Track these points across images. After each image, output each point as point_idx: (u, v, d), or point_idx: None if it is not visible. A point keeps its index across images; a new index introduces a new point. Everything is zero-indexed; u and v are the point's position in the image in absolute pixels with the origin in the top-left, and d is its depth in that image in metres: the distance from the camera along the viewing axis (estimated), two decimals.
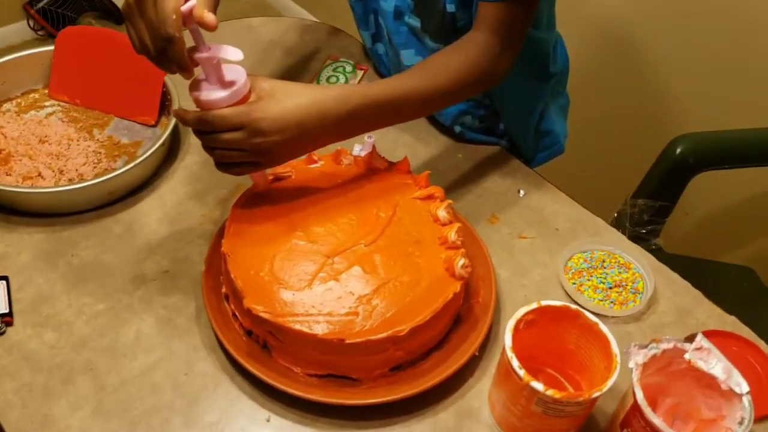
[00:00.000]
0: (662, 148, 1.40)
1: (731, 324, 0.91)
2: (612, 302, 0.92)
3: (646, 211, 1.47)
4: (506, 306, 0.91)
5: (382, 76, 1.21)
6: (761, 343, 0.89)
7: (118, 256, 0.92)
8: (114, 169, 0.99)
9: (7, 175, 0.97)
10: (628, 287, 0.94)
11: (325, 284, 0.79)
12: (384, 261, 0.81)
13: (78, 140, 1.04)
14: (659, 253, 1.46)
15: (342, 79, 1.17)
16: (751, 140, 1.40)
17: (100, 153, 1.03)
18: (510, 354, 0.73)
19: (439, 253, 0.83)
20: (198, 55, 0.72)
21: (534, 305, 0.77)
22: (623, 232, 1.48)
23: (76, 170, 0.99)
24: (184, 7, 0.68)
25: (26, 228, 0.94)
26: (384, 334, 0.75)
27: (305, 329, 0.75)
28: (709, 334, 0.89)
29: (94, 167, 1.00)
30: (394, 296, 0.78)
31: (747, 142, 1.40)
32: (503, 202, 1.04)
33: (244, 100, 0.75)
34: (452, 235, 0.83)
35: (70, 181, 0.98)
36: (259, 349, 0.81)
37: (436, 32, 1.01)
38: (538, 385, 0.70)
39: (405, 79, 0.85)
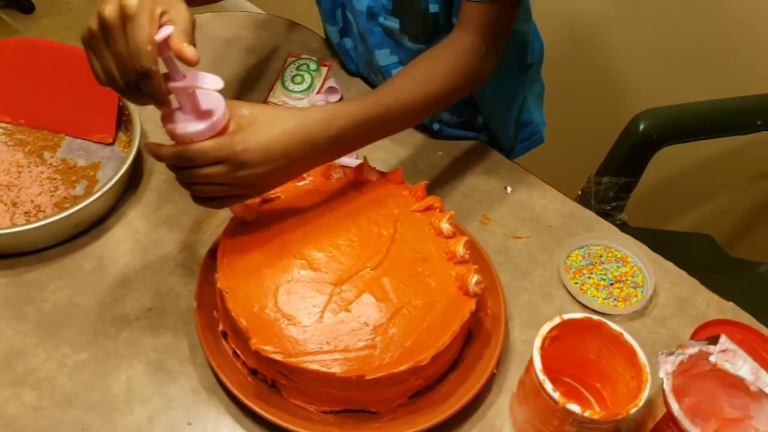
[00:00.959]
0: (623, 126, 1.39)
1: (731, 310, 0.91)
2: (615, 299, 0.90)
3: (611, 188, 1.47)
4: (512, 313, 0.88)
5: (349, 71, 1.15)
6: (762, 328, 0.89)
7: (94, 296, 0.84)
8: (74, 197, 0.91)
9: None
10: (629, 282, 0.92)
11: (337, 316, 0.73)
12: (394, 285, 0.76)
13: (29, 166, 0.94)
14: (624, 228, 1.47)
15: (307, 77, 1.10)
16: (711, 112, 1.41)
17: (55, 179, 0.93)
18: (542, 377, 0.70)
19: (449, 269, 0.79)
20: (172, 85, 0.64)
21: (557, 320, 0.74)
22: (589, 210, 1.48)
23: (32, 201, 0.90)
24: (159, 36, 0.60)
25: None
26: (405, 366, 0.71)
27: (322, 369, 0.70)
28: (712, 324, 0.89)
29: (51, 196, 0.91)
30: (410, 323, 0.74)
31: (707, 114, 1.41)
32: (492, 200, 1.00)
33: (223, 131, 0.68)
34: (460, 249, 0.79)
35: (27, 214, 0.88)
36: (266, 388, 0.75)
37: (416, 33, 0.97)
38: (575, 407, 0.68)
39: (391, 92, 0.80)
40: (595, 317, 0.75)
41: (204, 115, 0.66)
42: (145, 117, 0.98)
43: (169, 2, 0.63)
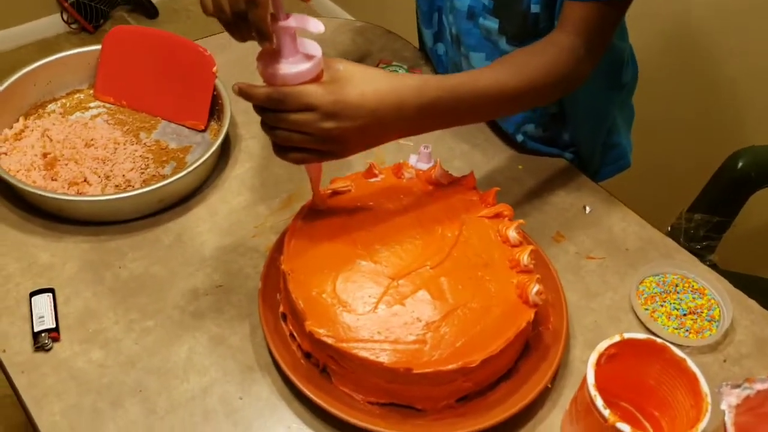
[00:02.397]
0: (722, 162, 1.34)
1: None
2: (687, 330, 0.86)
3: (702, 226, 1.41)
4: (575, 332, 0.86)
5: None
6: None
7: (168, 268, 0.88)
8: (162, 176, 0.96)
9: (53, 180, 0.93)
10: (704, 314, 0.88)
11: (391, 308, 0.74)
12: (452, 285, 0.76)
13: (124, 144, 0.99)
14: (714, 270, 1.41)
15: None
16: None
17: (147, 158, 0.99)
18: (594, 393, 0.68)
19: (511, 277, 0.78)
20: (277, 24, 0.65)
21: (617, 338, 0.72)
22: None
23: (123, 176, 0.95)
24: None
25: (72, 237, 0.90)
26: (454, 366, 0.70)
27: (371, 357, 0.70)
28: None
29: (142, 173, 0.96)
30: (464, 324, 0.73)
31: None
32: (568, 218, 0.98)
33: (317, 78, 0.68)
34: (525, 258, 0.78)
35: (117, 187, 0.94)
36: (318, 373, 0.76)
37: (515, 34, 0.95)
38: (626, 427, 0.65)
39: (488, 73, 0.79)
40: (659, 340, 0.72)
41: (301, 59, 0.67)
42: (237, 109, 1.02)
43: None
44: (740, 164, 1.30)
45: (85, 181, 0.93)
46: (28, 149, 0.96)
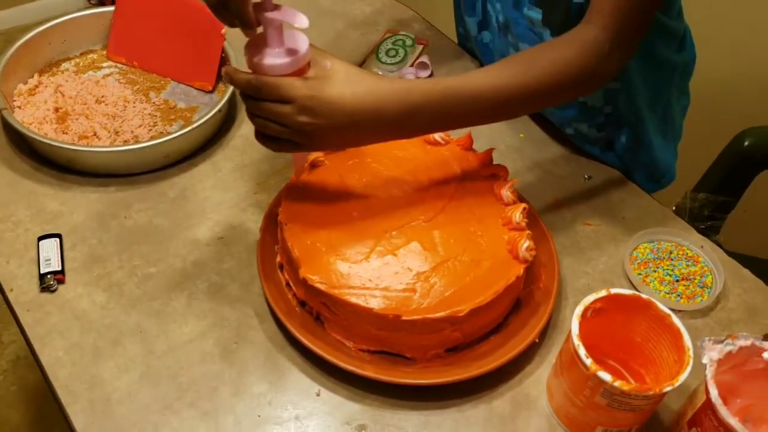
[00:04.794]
0: (726, 141, 1.34)
1: None
2: (679, 295, 0.88)
3: (706, 206, 1.41)
4: (568, 294, 0.87)
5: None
6: None
7: (172, 219, 0.90)
8: (170, 133, 0.98)
9: (64, 133, 0.96)
10: (696, 281, 0.89)
11: (383, 258, 0.76)
12: (444, 238, 0.78)
13: (134, 102, 1.02)
14: None
15: (401, 52, 1.14)
16: None
17: (155, 116, 1.01)
18: (577, 342, 0.69)
19: (502, 233, 0.80)
20: (263, 15, 0.67)
21: (603, 293, 0.73)
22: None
23: (132, 132, 0.97)
24: None
25: (81, 187, 0.93)
26: (442, 314, 0.72)
27: (361, 302, 0.72)
28: None
29: (150, 130, 0.99)
30: (454, 275, 0.75)
31: None
32: (567, 186, 0.99)
33: (301, 72, 0.69)
34: (517, 215, 0.80)
35: (126, 142, 0.96)
36: (312, 320, 0.79)
37: (558, 27, 0.88)
38: (606, 376, 0.67)
39: (483, 75, 0.75)
40: (644, 296, 0.74)
41: (287, 51, 0.69)
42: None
43: None
44: (746, 144, 1.31)
45: (94, 135, 0.96)
46: (41, 104, 0.99)
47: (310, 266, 0.75)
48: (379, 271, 0.75)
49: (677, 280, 0.89)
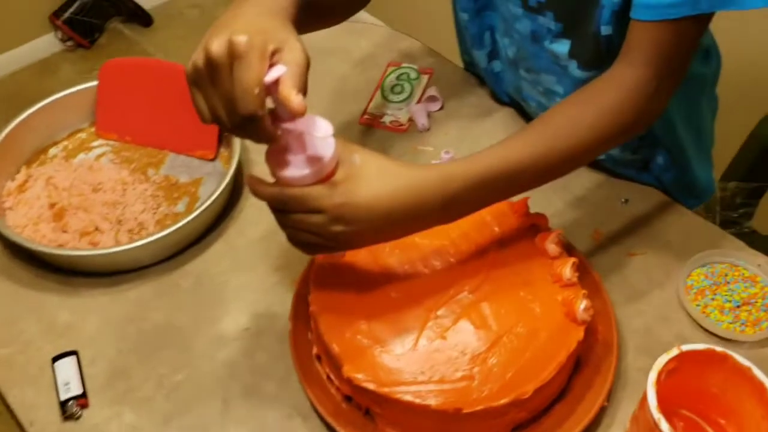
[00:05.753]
0: (753, 127, 1.28)
1: None
2: (743, 324, 0.82)
3: (738, 194, 1.36)
4: (625, 338, 0.81)
5: (497, 98, 1.07)
6: None
7: (192, 315, 0.84)
8: (176, 214, 0.92)
9: (63, 231, 0.89)
10: (758, 304, 0.83)
11: (432, 343, 0.70)
12: (494, 310, 0.72)
13: (133, 183, 0.95)
14: (753, 236, 1.36)
15: (407, 87, 1.07)
16: None
17: (158, 196, 0.94)
18: (657, 415, 0.63)
19: (555, 294, 0.73)
20: (282, 126, 0.61)
21: (674, 351, 0.67)
22: (713, 218, 1.36)
23: (135, 219, 0.91)
24: (268, 78, 0.57)
25: (89, 290, 0.86)
26: (506, 400, 0.66)
27: (417, 400, 0.66)
28: None
29: (154, 213, 0.92)
30: (512, 352, 0.69)
31: None
32: (604, 213, 0.93)
33: (330, 176, 0.63)
34: (567, 272, 0.73)
35: (130, 231, 0.90)
36: (361, 416, 0.72)
37: (587, 59, 0.83)
38: None
39: (522, 145, 0.68)
40: (719, 349, 0.68)
41: (310, 159, 0.62)
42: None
43: (282, 38, 0.59)
44: None
45: (96, 229, 0.89)
46: (34, 201, 0.92)
47: (354, 363, 0.69)
48: (431, 360, 0.68)
49: (738, 306, 0.83)
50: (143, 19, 2.70)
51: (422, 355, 0.69)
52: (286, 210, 0.63)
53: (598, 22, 0.78)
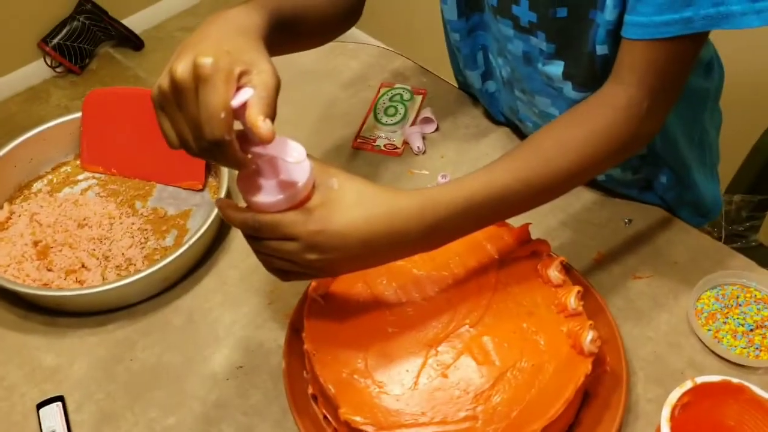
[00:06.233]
0: (755, 138, 1.25)
1: None
2: (757, 348, 0.78)
3: (743, 207, 1.33)
4: (634, 367, 0.78)
5: (492, 118, 1.04)
6: None
7: (183, 353, 0.81)
8: (164, 248, 0.89)
9: (48, 270, 0.86)
10: None
11: (432, 382, 0.66)
12: (497, 344, 0.69)
13: (120, 218, 0.92)
14: (760, 250, 1.33)
15: (401, 108, 1.04)
16: None
17: (146, 230, 0.91)
18: None
19: (559, 324, 0.70)
20: (251, 149, 0.58)
21: (688, 384, 0.64)
22: (719, 231, 1.33)
23: (123, 255, 0.88)
24: (235, 102, 0.54)
25: (76, 331, 0.83)
26: None
27: None
28: None
29: (142, 248, 0.89)
30: (517, 389, 0.66)
31: None
32: (606, 234, 0.90)
33: (305, 200, 0.60)
34: (572, 301, 0.70)
35: (118, 268, 0.87)
36: None
37: (583, 79, 0.80)
38: None
39: (507, 169, 0.65)
40: (735, 380, 0.64)
41: (282, 184, 0.59)
42: None
43: (251, 59, 0.57)
44: None
45: (82, 266, 0.86)
46: (17, 238, 0.89)
47: (351, 404, 0.65)
48: (432, 400, 0.65)
49: (751, 330, 0.80)
50: (134, 43, 2.68)
51: (423, 394, 0.66)
52: (259, 237, 0.61)
53: (592, 42, 0.76)
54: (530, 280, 0.74)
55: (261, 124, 0.53)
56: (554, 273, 0.73)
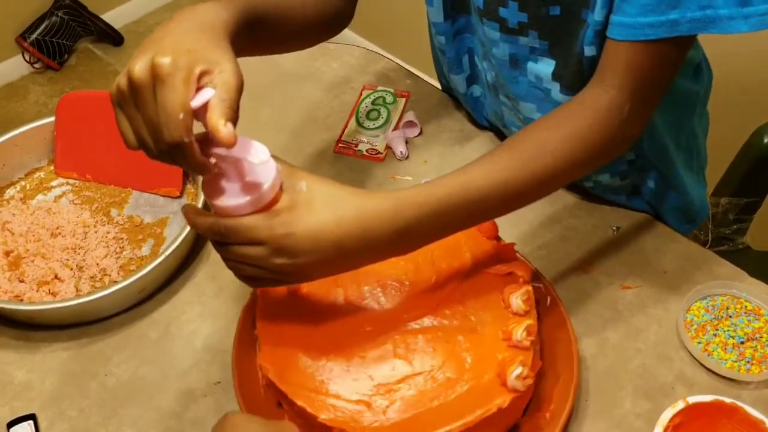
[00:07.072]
0: (743, 140, 1.24)
1: None
2: (748, 362, 0.77)
3: (730, 210, 1.32)
4: (623, 380, 0.76)
5: (477, 124, 1.01)
6: None
7: (159, 368, 0.78)
8: (141, 258, 0.86)
9: (20, 281, 0.83)
10: (764, 339, 0.79)
11: (349, 362, 0.66)
12: (423, 347, 0.67)
13: (95, 226, 0.89)
14: (747, 252, 1.32)
15: (383, 112, 1.02)
16: None
17: (121, 239, 0.89)
18: None
19: (498, 350, 0.67)
20: (213, 151, 0.56)
21: (680, 405, 0.63)
22: (705, 235, 1.32)
23: (98, 265, 0.85)
24: (195, 103, 0.52)
25: (49, 345, 0.80)
26: None
27: (308, 408, 0.63)
28: None
29: (117, 258, 0.86)
30: (421, 395, 0.64)
31: None
32: (594, 243, 0.88)
33: (272, 203, 0.58)
34: (519, 333, 0.67)
35: (92, 279, 0.84)
36: None
37: (570, 81, 0.78)
38: None
39: (484, 171, 0.63)
40: (728, 400, 0.63)
41: (247, 186, 0.57)
42: None
43: (213, 59, 0.54)
44: (766, 141, 1.21)
45: (55, 277, 0.83)
46: None
47: (270, 358, 0.67)
48: (338, 375, 0.65)
49: (742, 342, 0.79)
50: (113, 38, 2.63)
51: (332, 367, 0.66)
52: (226, 242, 0.58)
53: (581, 42, 0.74)
54: (490, 300, 0.71)
55: (222, 128, 0.52)
56: (517, 301, 0.69)
